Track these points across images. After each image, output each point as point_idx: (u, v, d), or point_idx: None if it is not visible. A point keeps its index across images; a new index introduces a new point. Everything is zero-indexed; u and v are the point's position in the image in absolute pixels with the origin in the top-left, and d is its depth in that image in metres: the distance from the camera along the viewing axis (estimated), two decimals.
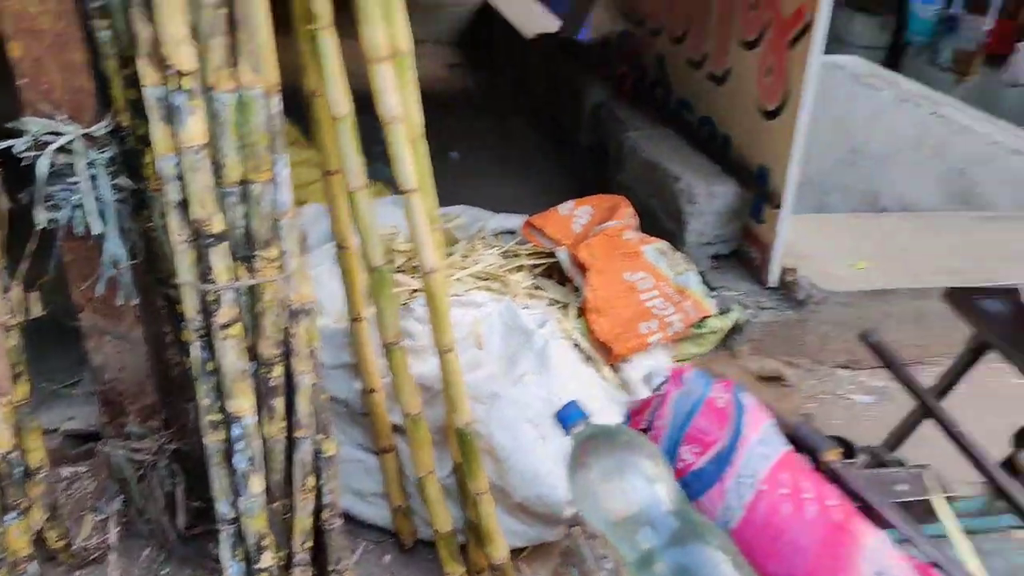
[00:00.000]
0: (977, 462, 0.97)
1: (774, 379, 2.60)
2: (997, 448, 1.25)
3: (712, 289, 2.64)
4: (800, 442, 0.94)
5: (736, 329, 2.55)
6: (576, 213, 2.43)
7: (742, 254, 2.80)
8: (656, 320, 2.26)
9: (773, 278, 2.66)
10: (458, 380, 1.61)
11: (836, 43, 8.62)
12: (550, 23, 5.15)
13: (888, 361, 1.14)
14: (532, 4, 5.97)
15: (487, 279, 2.13)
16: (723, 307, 2.55)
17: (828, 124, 4.40)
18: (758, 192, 2.68)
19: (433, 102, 1.81)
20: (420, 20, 6.36)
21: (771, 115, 2.60)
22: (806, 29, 2.39)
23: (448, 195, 2.81)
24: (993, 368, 1.50)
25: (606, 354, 2.14)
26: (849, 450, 0.95)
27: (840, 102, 4.35)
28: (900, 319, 2.65)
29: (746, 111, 2.75)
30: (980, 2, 7.89)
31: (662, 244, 2.49)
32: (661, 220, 2.86)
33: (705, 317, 2.41)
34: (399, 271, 2.07)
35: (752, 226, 2.74)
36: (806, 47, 2.39)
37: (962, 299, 1.45)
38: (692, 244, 2.75)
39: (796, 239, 2.82)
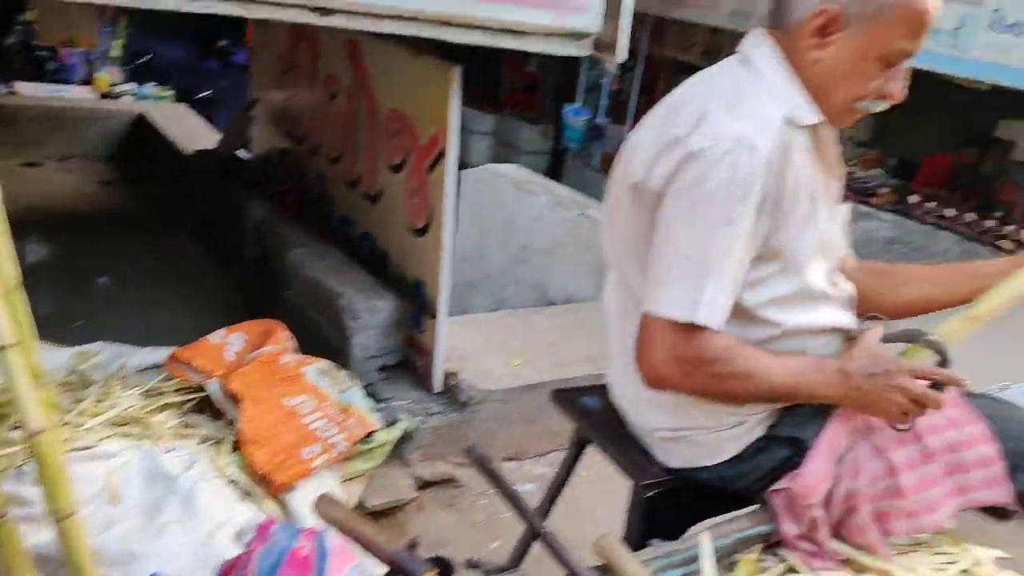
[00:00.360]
0: (564, 562, 1.09)
1: (447, 481, 2.70)
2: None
3: (380, 401, 2.70)
4: (400, 569, 0.99)
5: (406, 438, 2.62)
6: (228, 341, 2.37)
7: (408, 363, 2.90)
8: (319, 443, 2.26)
9: (438, 383, 2.79)
10: (82, 547, 1.46)
11: (509, 148, 9.56)
12: (210, 138, 5.06)
13: (491, 476, 1.25)
14: (191, 118, 5.83)
15: (126, 424, 1.98)
16: (391, 418, 2.61)
17: (500, 224, 4.82)
18: (416, 303, 2.82)
19: (81, 224, 1.68)
20: (67, 133, 5.84)
21: (420, 232, 2.78)
22: (441, 156, 2.61)
23: (93, 328, 2.59)
24: None
25: (267, 486, 2.08)
26: (447, 568, 1.01)
27: (507, 205, 4.80)
28: (552, 410, 2.90)
29: (399, 229, 2.91)
30: (620, 114, 9.24)
31: (324, 364, 2.51)
32: (328, 336, 2.89)
33: (371, 432, 2.45)
34: (16, 427, 1.85)
35: (415, 336, 2.86)
36: (442, 172, 2.61)
37: (564, 398, 1.64)
38: (359, 358, 2.80)
39: (458, 342, 3.00)
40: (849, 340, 1.37)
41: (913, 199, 7.01)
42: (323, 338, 2.87)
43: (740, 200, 1.15)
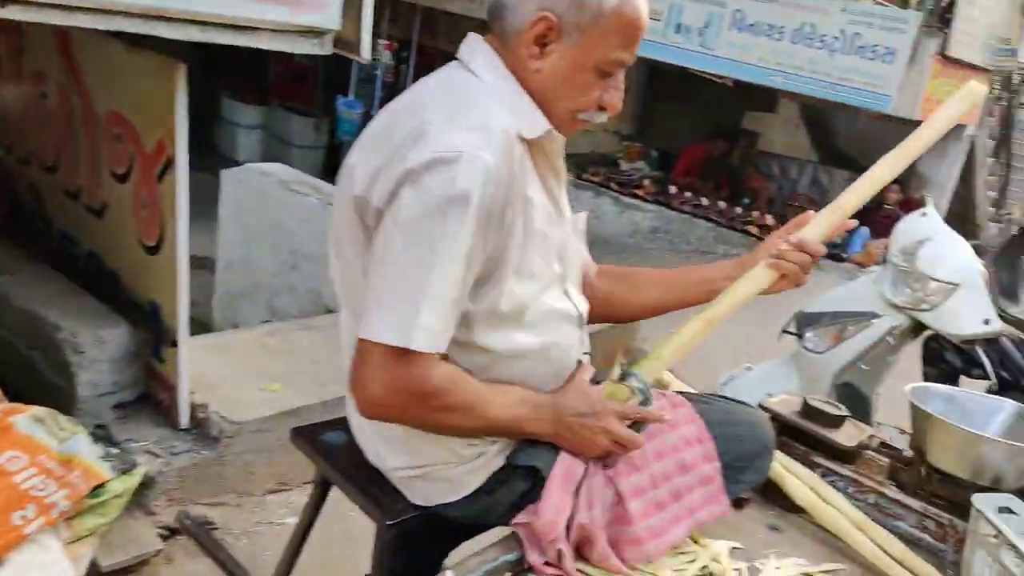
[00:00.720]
0: None
1: (203, 524, 2.44)
2: None
3: (116, 445, 2.38)
4: None
5: (147, 484, 2.33)
6: None
7: (150, 398, 2.60)
8: (34, 504, 1.95)
9: (184, 419, 2.52)
10: None
11: (281, 142, 9.00)
12: None
13: (206, 547, 1.08)
14: None
15: None
16: (128, 464, 2.31)
17: (268, 228, 4.48)
18: (153, 331, 2.53)
19: None
20: None
21: (152, 250, 2.48)
22: (169, 163, 2.34)
23: None
24: None
25: None
26: None
27: (275, 207, 4.46)
28: None
29: (130, 246, 2.58)
30: None
31: (39, 410, 2.16)
32: (46, 375, 2.51)
33: (102, 483, 2.15)
34: None
35: (155, 366, 2.57)
36: (173, 181, 2.33)
37: (304, 436, 1.48)
38: (88, 398, 2.46)
39: (208, 369, 2.73)
40: (578, 361, 1.33)
41: (672, 189, 7.49)
42: (41, 379, 2.49)
43: (459, 216, 1.06)
